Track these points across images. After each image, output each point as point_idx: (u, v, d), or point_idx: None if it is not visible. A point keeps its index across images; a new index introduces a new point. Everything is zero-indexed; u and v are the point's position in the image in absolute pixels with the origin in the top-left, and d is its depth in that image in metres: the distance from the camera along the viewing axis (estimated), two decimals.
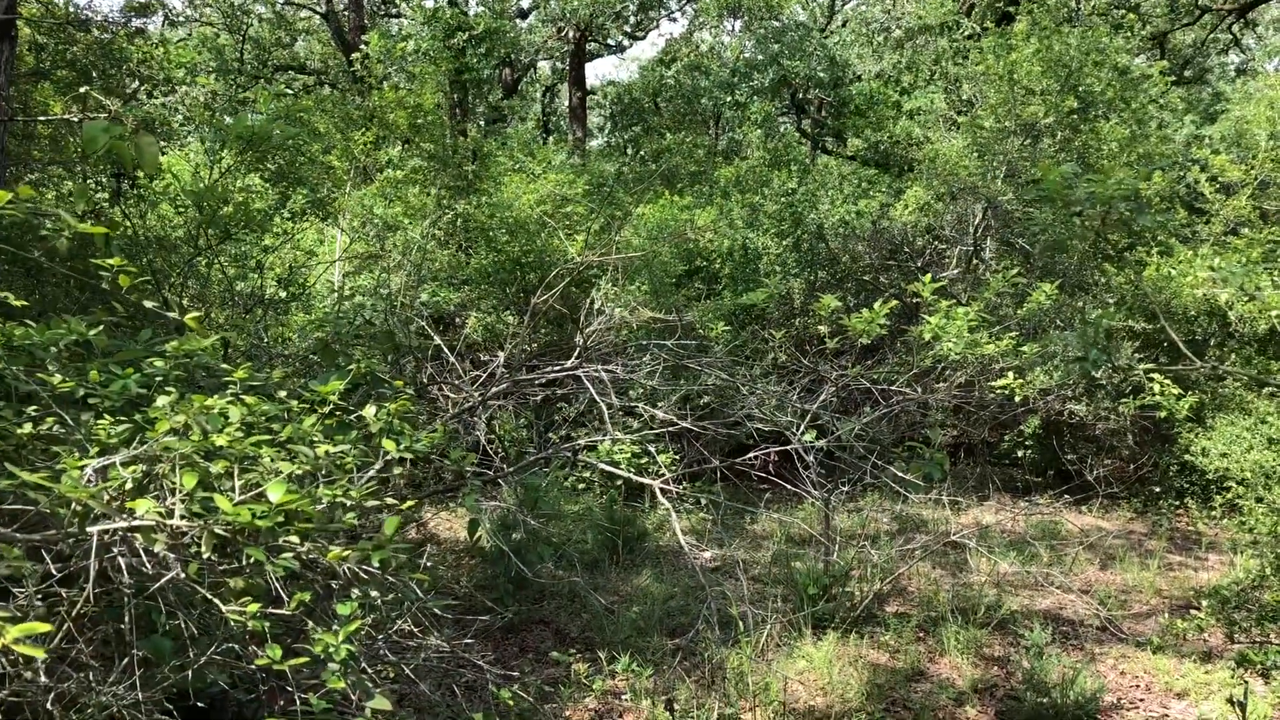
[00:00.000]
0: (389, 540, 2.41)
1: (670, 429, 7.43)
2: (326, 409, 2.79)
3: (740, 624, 5.87)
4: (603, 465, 5.12)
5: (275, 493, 2.23)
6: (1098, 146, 10.00)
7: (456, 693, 4.35)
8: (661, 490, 4.44)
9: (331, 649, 2.24)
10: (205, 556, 2.21)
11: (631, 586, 6.96)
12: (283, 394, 2.76)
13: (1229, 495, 8.45)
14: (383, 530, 2.40)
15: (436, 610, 4.12)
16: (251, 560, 2.23)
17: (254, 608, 2.20)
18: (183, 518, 2.20)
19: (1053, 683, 5.29)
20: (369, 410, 2.76)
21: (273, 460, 2.39)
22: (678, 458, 8.58)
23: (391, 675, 3.97)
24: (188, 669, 2.36)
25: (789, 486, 7.18)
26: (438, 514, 8.24)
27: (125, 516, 2.23)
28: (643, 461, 8.33)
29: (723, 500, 6.55)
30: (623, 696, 5.38)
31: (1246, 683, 4.66)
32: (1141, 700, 5.60)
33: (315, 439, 2.52)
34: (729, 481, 9.29)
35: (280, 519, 2.23)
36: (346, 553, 2.29)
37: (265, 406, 2.55)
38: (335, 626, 2.28)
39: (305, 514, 2.31)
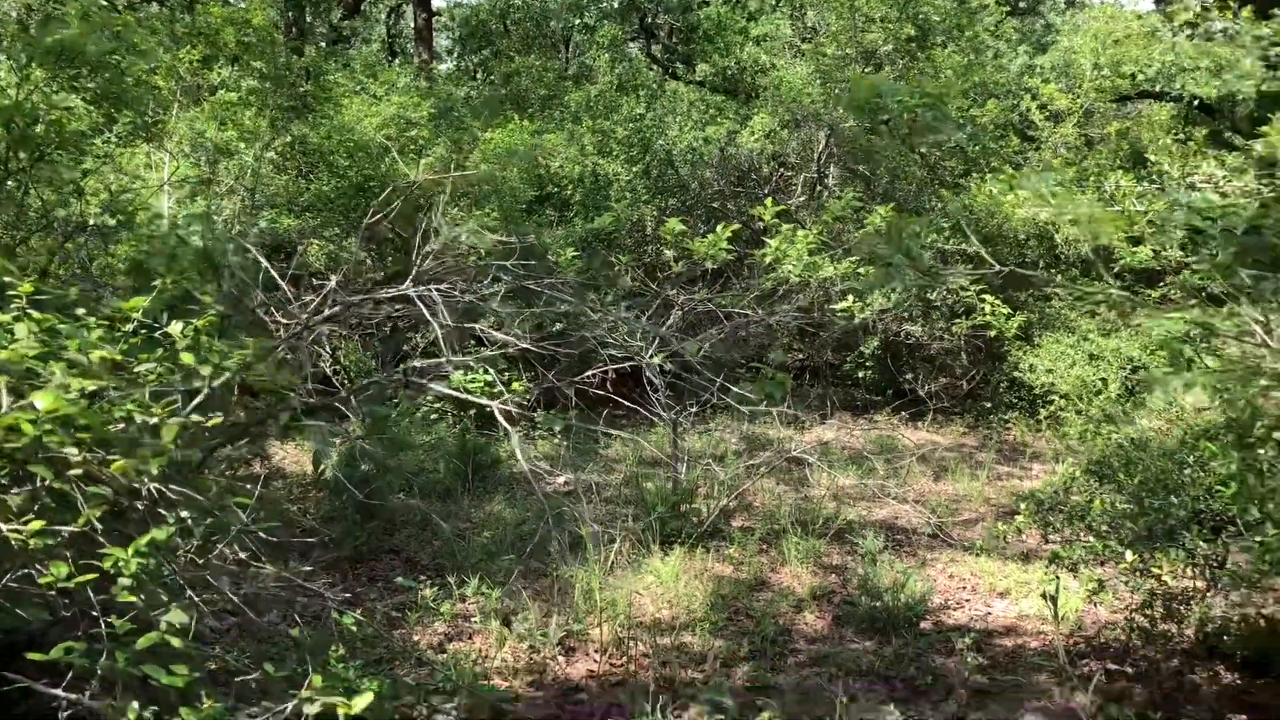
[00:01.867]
0: (167, 447, 2.33)
1: (520, 355, 7.40)
2: (129, 327, 2.66)
3: (589, 544, 5.95)
4: (443, 390, 5.06)
5: (43, 400, 2.12)
6: (935, 74, 10.29)
7: (298, 622, 4.29)
8: (501, 411, 4.43)
9: (121, 563, 2.16)
10: None
11: (483, 513, 6.96)
12: (80, 311, 2.61)
13: (1052, 408, 8.99)
14: (163, 436, 2.31)
15: (273, 539, 4.03)
16: (43, 481, 2.12)
17: (36, 525, 2.10)
18: None
19: (885, 587, 5.57)
20: (175, 326, 2.65)
21: (62, 375, 2.26)
22: (530, 385, 8.57)
23: (224, 605, 3.88)
24: None
25: (641, 410, 7.27)
26: (283, 447, 8.03)
27: None
28: (495, 390, 8.28)
29: (574, 423, 6.58)
30: (472, 619, 5.41)
31: (1058, 578, 4.99)
32: (967, 600, 5.96)
33: (105, 352, 2.39)
34: (582, 409, 9.35)
35: (49, 428, 2.12)
36: (128, 462, 2.19)
37: (57, 322, 2.41)
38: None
39: (89, 426, 2.20)
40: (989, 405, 10.06)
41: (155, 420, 2.35)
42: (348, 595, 5.44)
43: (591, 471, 7.98)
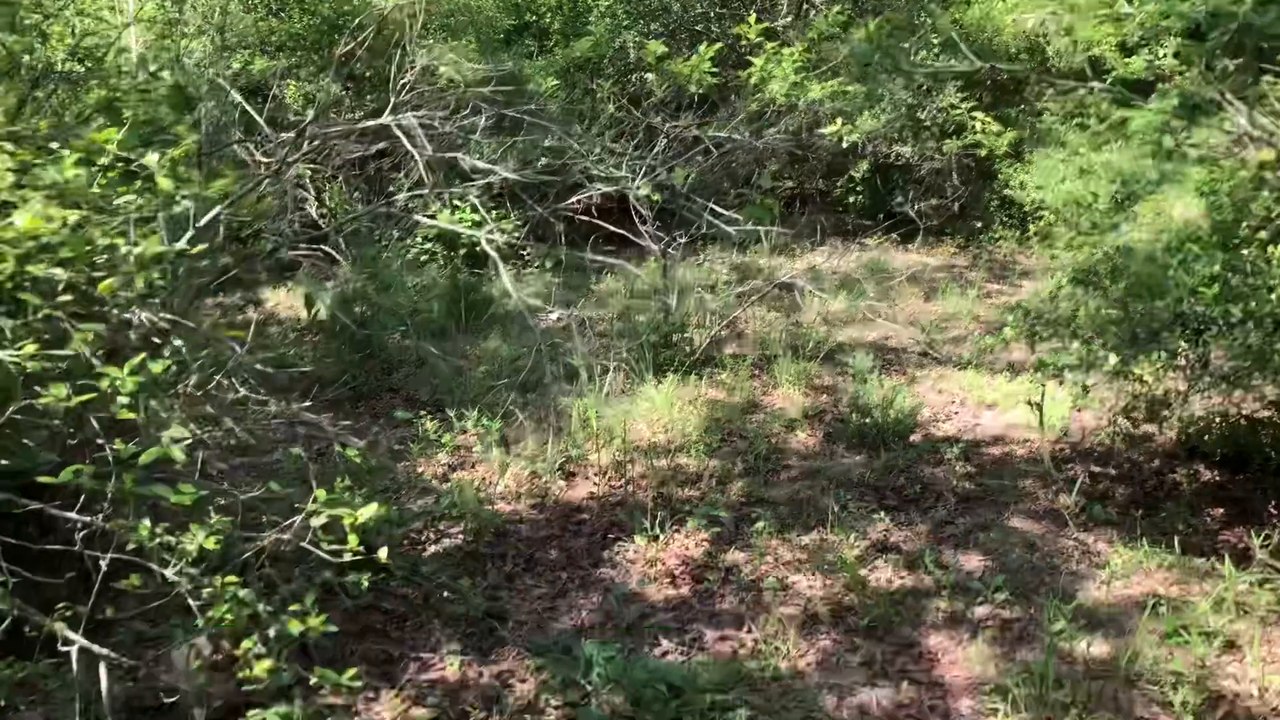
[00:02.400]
0: (148, 261, 2.34)
1: (508, 191, 7.33)
2: (105, 160, 2.63)
3: (585, 375, 6.04)
4: (431, 222, 5.03)
5: (22, 219, 2.12)
6: None
7: (303, 456, 4.40)
8: (489, 242, 4.42)
9: (118, 381, 2.21)
10: None
11: (479, 351, 7.03)
12: (54, 144, 2.58)
13: (1042, 223, 8.96)
14: (145, 255, 2.32)
15: (271, 374, 4.10)
16: (35, 311, 2.14)
17: (30, 348, 2.13)
18: None
19: (875, 404, 5.69)
20: (150, 157, 2.61)
21: (40, 203, 2.25)
22: (520, 223, 8.52)
23: (228, 443, 3.97)
24: None
25: (630, 242, 7.25)
26: (275, 293, 8.05)
27: None
28: (484, 230, 8.23)
29: (564, 256, 6.58)
30: (473, 450, 5.54)
31: (1044, 386, 5.10)
32: (956, 413, 6.10)
33: (82, 180, 2.38)
34: (572, 245, 9.32)
35: (31, 249, 2.12)
36: (115, 280, 2.21)
37: (31, 157, 2.38)
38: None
39: (73, 255, 2.21)
40: (979, 225, 10.03)
41: (140, 249, 2.35)
42: (349, 429, 5.55)
43: (583, 307, 8.02)
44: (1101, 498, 4.91)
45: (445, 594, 4.23)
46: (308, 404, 3.82)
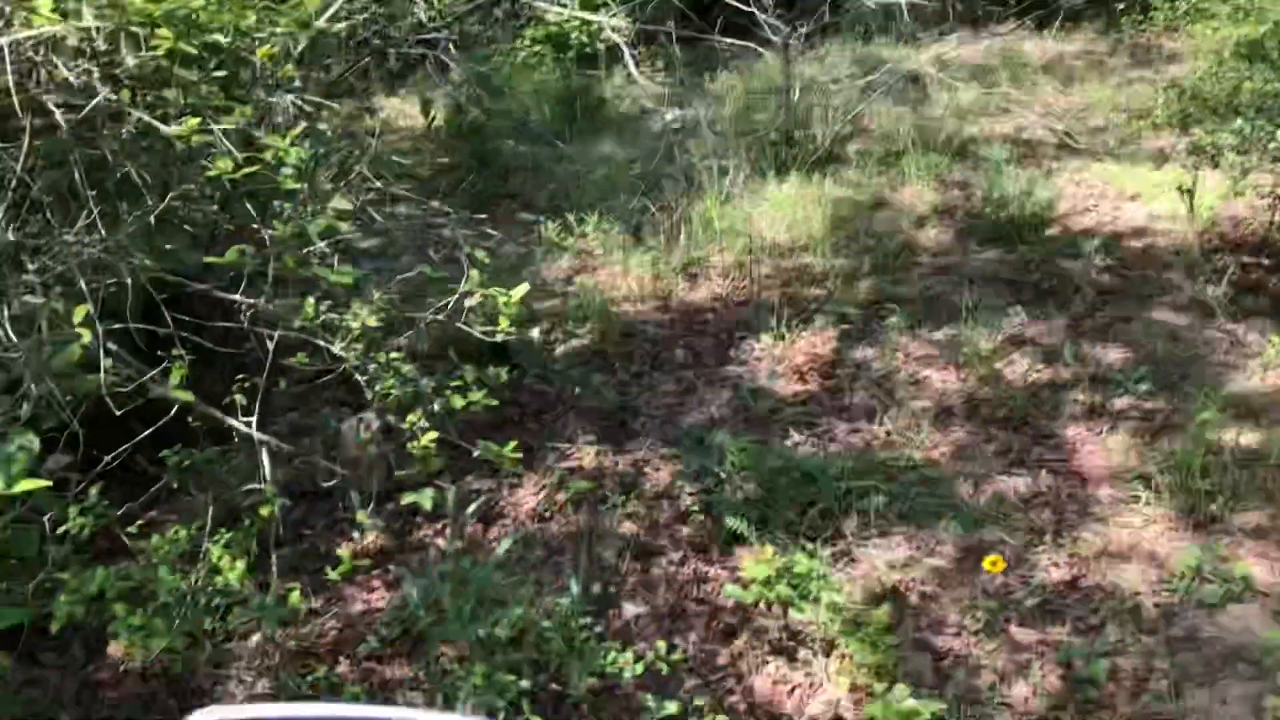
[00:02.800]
0: (297, 25, 2.31)
1: None
2: None
3: (705, 175, 5.92)
4: (549, 5, 4.84)
5: None
6: None
7: (433, 256, 4.45)
8: (611, 28, 4.26)
9: (281, 152, 2.22)
10: (130, 65, 2.12)
11: (595, 154, 6.93)
12: None
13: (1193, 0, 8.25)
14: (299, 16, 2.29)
15: (395, 179, 4.11)
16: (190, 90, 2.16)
17: (193, 121, 2.15)
18: (94, 16, 2.08)
19: (1010, 197, 5.46)
20: None
21: None
22: (631, 21, 8.22)
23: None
24: (147, 215, 2.36)
25: (750, 32, 6.94)
26: (388, 100, 8.01)
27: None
28: (593, 28, 7.98)
29: (679, 53, 6.35)
30: (595, 254, 5.54)
31: (1196, 170, 4.80)
32: (1095, 205, 5.81)
33: None
34: (688, 44, 8.99)
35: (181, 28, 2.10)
36: (274, 49, 2.21)
37: None
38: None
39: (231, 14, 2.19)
40: (1120, 6, 9.28)
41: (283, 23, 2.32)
42: (473, 237, 5.58)
43: (700, 106, 7.79)
44: (1254, 289, 4.67)
45: (577, 390, 4.32)
46: (438, 204, 3.83)
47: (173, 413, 2.97)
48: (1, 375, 2.42)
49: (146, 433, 2.98)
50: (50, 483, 2.51)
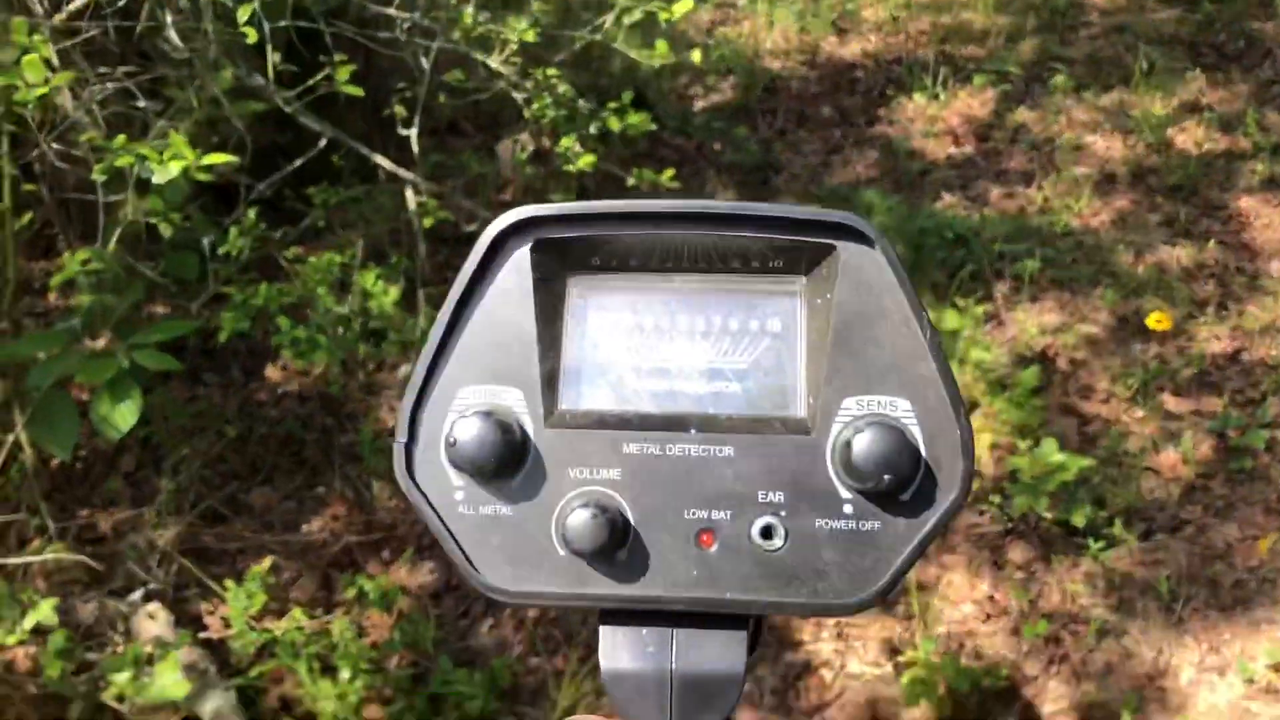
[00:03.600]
0: None
1: None
2: None
3: None
4: None
5: None
6: None
7: None
8: None
9: None
10: None
11: None
12: None
13: None
14: None
15: None
16: None
17: None
18: None
19: None
20: None
21: None
22: None
23: None
24: None
25: None
26: None
27: None
28: None
29: None
30: (738, 3, 5.28)
31: None
32: None
33: None
34: None
35: None
36: None
37: None
38: None
39: None
40: None
41: None
42: None
43: None
44: None
45: (717, 145, 4.21)
46: None
47: (320, 146, 3.00)
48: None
49: (295, 163, 3.02)
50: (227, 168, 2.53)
